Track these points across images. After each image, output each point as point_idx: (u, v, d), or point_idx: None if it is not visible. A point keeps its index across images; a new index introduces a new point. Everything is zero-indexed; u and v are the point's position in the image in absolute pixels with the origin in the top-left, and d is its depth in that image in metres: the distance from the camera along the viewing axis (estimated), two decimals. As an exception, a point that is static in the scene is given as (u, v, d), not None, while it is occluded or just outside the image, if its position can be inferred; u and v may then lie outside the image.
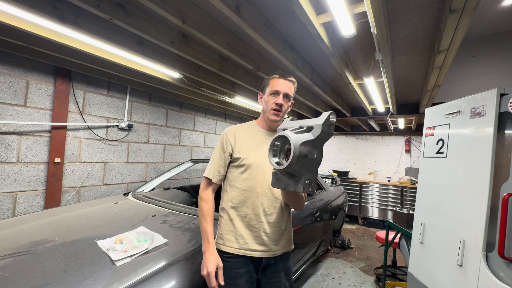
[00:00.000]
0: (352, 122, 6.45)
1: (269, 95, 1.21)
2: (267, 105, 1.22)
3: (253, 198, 1.17)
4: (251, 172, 1.18)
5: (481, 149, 1.27)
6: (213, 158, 1.25)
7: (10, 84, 2.44)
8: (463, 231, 1.35)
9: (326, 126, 0.89)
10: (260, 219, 1.17)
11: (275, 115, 1.20)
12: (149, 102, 3.74)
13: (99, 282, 1.03)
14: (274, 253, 1.19)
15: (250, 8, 1.74)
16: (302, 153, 0.86)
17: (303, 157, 0.86)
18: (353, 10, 1.60)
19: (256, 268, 1.18)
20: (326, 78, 3.32)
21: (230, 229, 1.18)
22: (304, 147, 0.86)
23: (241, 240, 1.16)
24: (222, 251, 1.17)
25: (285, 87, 1.20)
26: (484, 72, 3.03)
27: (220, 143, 1.24)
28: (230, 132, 1.25)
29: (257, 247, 1.16)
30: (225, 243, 1.17)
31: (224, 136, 1.24)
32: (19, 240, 1.35)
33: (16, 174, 2.49)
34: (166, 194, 2.53)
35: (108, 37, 1.93)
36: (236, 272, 1.14)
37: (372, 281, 2.97)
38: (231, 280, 1.13)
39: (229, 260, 1.15)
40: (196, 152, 4.61)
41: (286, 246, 1.24)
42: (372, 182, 5.67)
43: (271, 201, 1.19)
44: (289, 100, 1.23)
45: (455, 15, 1.51)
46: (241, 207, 1.18)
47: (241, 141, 1.23)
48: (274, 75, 1.23)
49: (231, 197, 1.20)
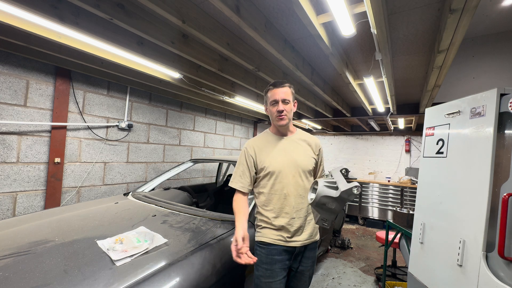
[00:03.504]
0: (352, 122, 6.45)
1: (270, 106, 1.37)
2: (272, 115, 1.38)
3: (282, 199, 1.33)
4: (276, 177, 1.34)
5: (481, 149, 1.27)
6: (237, 170, 1.41)
7: (10, 84, 2.44)
8: (463, 231, 1.35)
9: (345, 194, 1.08)
10: (291, 215, 1.32)
11: (281, 120, 1.35)
12: (149, 102, 3.74)
13: (99, 282, 1.03)
14: (303, 242, 1.34)
15: (250, 8, 1.74)
16: (321, 202, 1.12)
17: (322, 204, 1.13)
18: (353, 10, 1.60)
19: (289, 256, 1.33)
20: (326, 78, 3.32)
21: (265, 225, 1.34)
22: (324, 199, 1.11)
23: (276, 232, 1.32)
24: (261, 241, 1.33)
25: (281, 93, 1.34)
26: (484, 72, 3.03)
27: (243, 156, 1.41)
28: (250, 146, 1.42)
29: (290, 238, 1.31)
30: (262, 235, 1.34)
31: (244, 150, 1.42)
32: (19, 240, 1.35)
33: (16, 174, 2.49)
34: (166, 194, 2.53)
35: (108, 37, 1.93)
36: (272, 258, 1.29)
37: (372, 281, 2.97)
38: (267, 265, 1.29)
39: (266, 248, 1.31)
40: (196, 152, 4.61)
41: (313, 235, 1.40)
42: (372, 182, 5.67)
43: (298, 199, 1.35)
44: (289, 103, 1.36)
45: (455, 15, 1.51)
46: (273, 207, 1.34)
47: (261, 152, 1.39)
48: (269, 87, 1.37)
49: (263, 200, 1.36)
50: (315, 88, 3.14)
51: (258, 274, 1.30)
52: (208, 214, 1.80)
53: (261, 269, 1.29)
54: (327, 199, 1.11)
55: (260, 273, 1.29)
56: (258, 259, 1.26)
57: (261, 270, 1.28)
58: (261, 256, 1.30)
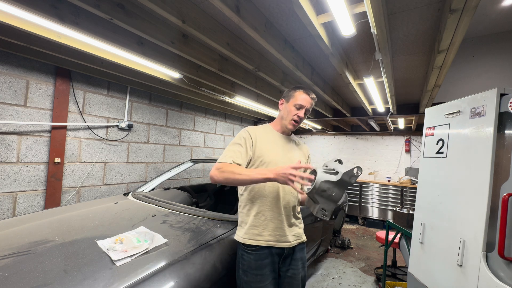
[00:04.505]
0: (352, 122, 6.45)
1: (292, 106, 1.34)
2: (289, 115, 1.34)
3: (273, 194, 1.28)
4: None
5: (481, 149, 1.27)
6: (229, 149, 1.25)
7: (10, 84, 2.44)
8: (463, 231, 1.35)
9: (346, 176, 1.06)
10: (280, 211, 1.29)
11: (293, 125, 1.36)
12: (149, 102, 3.74)
13: (99, 282, 1.03)
14: (291, 243, 1.30)
15: (250, 8, 1.74)
16: (321, 188, 1.06)
17: (322, 191, 1.07)
18: (353, 10, 1.60)
19: (278, 259, 1.29)
20: (326, 78, 3.32)
21: (253, 224, 1.27)
22: (324, 184, 1.06)
23: (265, 232, 1.26)
24: (247, 244, 1.26)
25: (309, 103, 1.35)
26: (484, 72, 3.03)
27: (241, 137, 1.29)
28: (251, 130, 1.34)
29: (279, 238, 1.27)
30: (250, 237, 1.26)
31: (245, 133, 1.31)
32: (19, 240, 1.35)
33: (16, 174, 2.49)
34: (166, 194, 2.52)
35: (108, 37, 1.93)
36: (261, 263, 1.24)
37: (372, 281, 2.97)
38: (256, 270, 1.23)
39: (254, 253, 1.25)
40: (196, 152, 4.61)
41: (301, 236, 1.38)
42: (372, 182, 5.67)
43: (288, 197, 1.31)
44: (306, 114, 1.36)
45: (455, 15, 1.51)
46: (262, 203, 1.28)
47: (261, 141, 1.32)
48: (300, 89, 1.35)
49: (252, 195, 1.29)
50: (315, 88, 3.14)
51: (247, 280, 1.24)
52: (208, 214, 1.80)
53: (251, 275, 1.23)
54: (328, 184, 1.06)
55: (249, 278, 1.23)
56: (246, 265, 1.24)
57: (251, 276, 1.23)
58: (250, 261, 1.24)
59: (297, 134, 7.75)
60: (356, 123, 6.27)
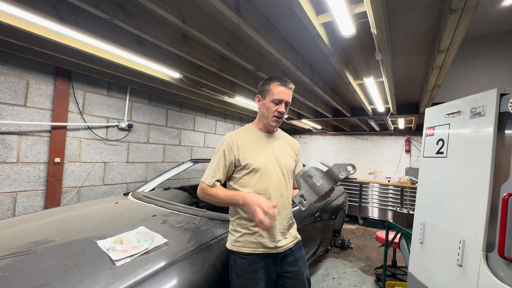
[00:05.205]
0: (352, 122, 6.45)
1: (270, 102, 1.25)
2: (269, 112, 1.26)
3: (266, 199, 1.21)
4: (261, 175, 1.23)
5: (481, 149, 1.27)
6: (212, 163, 1.27)
7: (10, 84, 2.44)
8: (463, 231, 1.35)
9: (336, 167, 1.07)
10: (274, 217, 1.23)
11: (276, 122, 1.28)
12: (149, 102, 3.74)
13: (99, 282, 1.03)
14: (287, 245, 1.28)
15: (250, 8, 1.74)
16: (308, 173, 1.08)
17: (308, 176, 1.09)
18: (353, 10, 1.60)
19: (274, 261, 1.25)
20: (326, 78, 3.32)
21: (246, 232, 1.23)
22: (313, 170, 1.08)
23: (259, 238, 1.22)
24: (241, 252, 1.22)
25: (287, 95, 1.25)
26: (484, 72, 3.03)
27: (221, 151, 1.25)
28: (230, 139, 1.27)
29: (273, 244, 1.23)
30: (244, 245, 1.22)
31: (225, 144, 1.26)
32: (19, 240, 1.35)
33: (16, 174, 2.49)
34: (166, 194, 2.53)
35: (108, 37, 1.93)
36: (255, 267, 1.21)
37: (372, 281, 2.97)
38: (249, 275, 1.20)
39: (247, 257, 1.21)
40: (196, 152, 4.61)
41: (295, 236, 1.35)
42: (372, 182, 5.67)
43: (281, 199, 1.28)
44: (288, 105, 1.29)
45: (455, 15, 1.51)
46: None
47: (244, 148, 1.26)
48: (275, 81, 1.25)
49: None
50: (315, 88, 3.14)
51: (241, 284, 1.20)
52: (208, 214, 1.80)
53: (244, 279, 1.20)
54: (316, 172, 1.09)
55: (242, 282, 1.20)
56: (239, 269, 1.21)
57: (244, 280, 1.19)
58: (243, 265, 1.20)
59: (297, 134, 7.75)
60: (356, 123, 6.27)
